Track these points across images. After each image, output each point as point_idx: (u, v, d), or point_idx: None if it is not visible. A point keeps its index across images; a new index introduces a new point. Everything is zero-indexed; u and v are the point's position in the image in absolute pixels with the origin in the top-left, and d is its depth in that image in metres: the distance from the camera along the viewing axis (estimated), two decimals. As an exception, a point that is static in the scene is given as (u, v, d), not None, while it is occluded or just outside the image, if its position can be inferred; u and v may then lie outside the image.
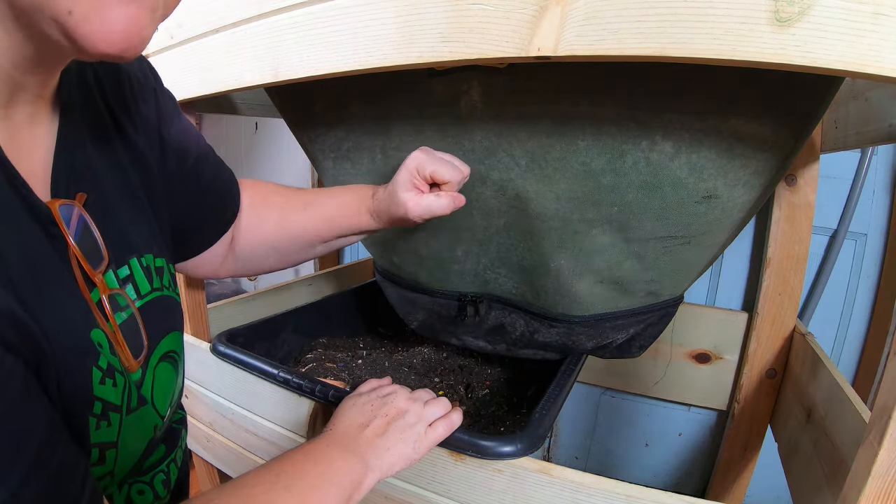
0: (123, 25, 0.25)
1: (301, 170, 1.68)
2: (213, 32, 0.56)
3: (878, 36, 0.27)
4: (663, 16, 0.31)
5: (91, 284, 0.33)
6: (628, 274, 0.59)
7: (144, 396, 0.36)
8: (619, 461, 1.24)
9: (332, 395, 0.54)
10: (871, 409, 0.35)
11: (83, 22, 0.24)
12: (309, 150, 0.70)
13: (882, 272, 0.94)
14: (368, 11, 0.43)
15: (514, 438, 0.46)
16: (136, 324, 0.36)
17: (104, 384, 0.31)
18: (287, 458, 0.38)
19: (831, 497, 0.47)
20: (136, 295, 0.37)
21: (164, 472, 0.41)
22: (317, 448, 0.40)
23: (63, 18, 0.24)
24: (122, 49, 0.26)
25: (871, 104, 0.58)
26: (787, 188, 0.78)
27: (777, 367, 0.84)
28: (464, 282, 0.69)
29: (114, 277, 0.35)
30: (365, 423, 0.44)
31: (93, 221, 0.34)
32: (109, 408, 0.31)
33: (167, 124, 0.44)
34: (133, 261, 0.37)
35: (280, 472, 0.36)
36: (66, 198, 0.32)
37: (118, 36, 0.25)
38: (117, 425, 0.32)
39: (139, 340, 0.36)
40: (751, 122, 0.46)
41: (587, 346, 0.68)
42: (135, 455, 0.36)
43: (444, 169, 0.50)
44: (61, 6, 0.24)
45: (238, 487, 0.34)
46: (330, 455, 0.40)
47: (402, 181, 0.51)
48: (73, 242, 0.31)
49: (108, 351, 0.32)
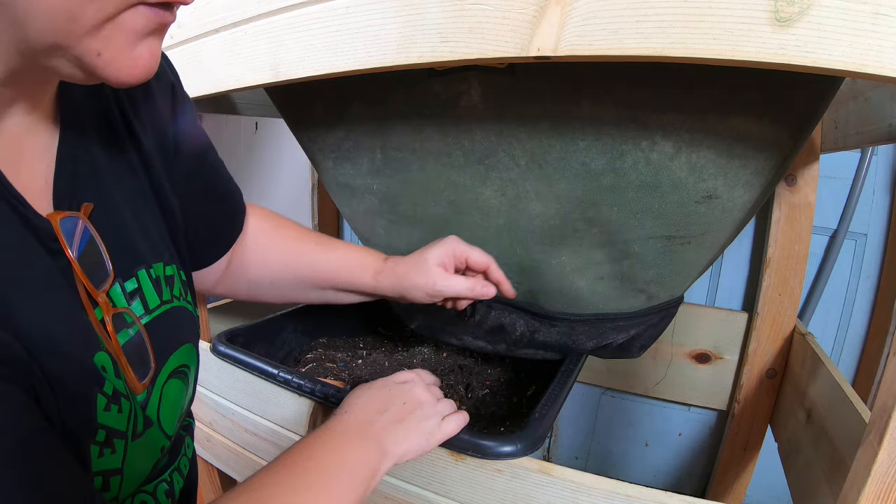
0: (147, 59, 0.27)
1: (301, 170, 1.68)
2: (213, 32, 0.56)
3: (878, 36, 0.27)
4: (663, 16, 0.31)
5: (94, 303, 0.31)
6: (628, 274, 0.59)
7: (150, 418, 0.35)
8: (619, 461, 1.24)
9: (333, 396, 0.54)
10: (871, 409, 0.35)
11: (111, 62, 0.26)
12: (309, 150, 0.70)
13: (882, 272, 0.94)
14: (368, 11, 0.43)
15: (514, 438, 0.46)
16: (143, 343, 0.34)
17: (109, 410, 0.30)
18: (304, 451, 0.37)
19: (831, 497, 0.48)
20: (143, 310, 0.35)
21: (166, 481, 0.40)
22: (333, 437, 0.39)
23: (89, 59, 0.25)
24: (144, 77, 0.27)
25: (871, 104, 0.58)
26: (787, 188, 0.78)
27: (777, 367, 0.84)
28: (464, 282, 0.69)
29: (120, 292, 0.34)
30: (382, 409, 0.43)
31: (98, 234, 0.32)
32: (114, 435, 0.30)
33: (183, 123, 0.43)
34: (141, 272, 0.36)
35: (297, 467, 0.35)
36: (70, 209, 0.31)
37: (141, 70, 0.27)
38: (122, 452, 0.31)
39: (146, 361, 0.34)
40: (751, 122, 0.46)
41: (587, 346, 0.68)
42: (140, 477, 0.35)
43: (482, 257, 0.54)
44: (90, 48, 0.25)
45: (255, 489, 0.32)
46: (348, 443, 0.39)
47: (436, 254, 0.53)
48: (74, 259, 0.30)
49: (112, 374, 0.30)
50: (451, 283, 0.53)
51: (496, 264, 0.55)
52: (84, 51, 0.25)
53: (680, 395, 1.03)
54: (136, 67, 0.27)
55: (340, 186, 0.69)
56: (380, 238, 0.71)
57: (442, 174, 0.58)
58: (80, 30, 0.24)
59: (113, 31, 0.25)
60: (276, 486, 0.33)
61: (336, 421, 0.41)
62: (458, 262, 0.54)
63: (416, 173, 0.60)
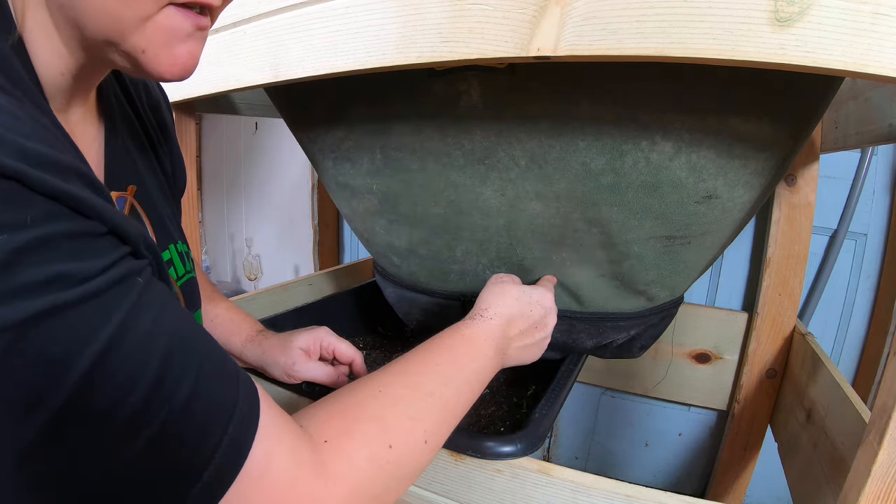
0: (185, 59, 0.30)
1: (301, 170, 1.68)
2: (213, 32, 0.56)
3: (878, 36, 0.27)
4: (663, 16, 0.31)
5: None
6: (628, 274, 0.59)
7: None
8: (619, 461, 1.25)
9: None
10: (871, 409, 0.35)
11: (154, 58, 0.29)
12: (309, 150, 0.70)
13: (882, 272, 0.94)
14: (368, 11, 0.43)
15: (514, 438, 0.46)
16: (180, 301, 0.40)
17: None
18: (447, 347, 0.41)
19: (831, 497, 0.48)
20: (175, 276, 0.42)
21: None
22: (475, 340, 0.43)
23: (136, 55, 0.29)
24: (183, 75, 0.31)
25: (871, 104, 0.59)
26: (787, 188, 0.78)
27: (777, 367, 0.84)
28: (464, 282, 0.69)
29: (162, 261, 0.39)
30: (519, 320, 0.48)
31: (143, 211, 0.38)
32: None
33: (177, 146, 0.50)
34: (171, 246, 0.42)
35: (441, 362, 0.38)
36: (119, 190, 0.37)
37: (180, 68, 0.30)
38: None
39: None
40: (751, 122, 0.46)
41: (587, 345, 0.68)
42: None
43: (349, 350, 0.57)
44: (136, 45, 0.28)
45: (404, 373, 0.36)
46: (485, 353, 0.43)
47: (302, 339, 0.56)
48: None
49: None
50: (308, 367, 0.55)
51: (362, 359, 0.59)
52: (131, 47, 0.28)
53: (680, 395, 1.03)
54: (174, 65, 0.30)
55: (340, 186, 0.69)
56: (380, 238, 0.71)
57: (442, 174, 0.58)
58: (126, 29, 0.27)
59: (153, 31, 0.28)
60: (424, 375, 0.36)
61: (479, 326, 0.45)
62: (324, 351, 0.57)
63: (416, 173, 0.60)
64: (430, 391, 0.35)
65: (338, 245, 1.66)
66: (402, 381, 0.35)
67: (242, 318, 0.61)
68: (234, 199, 1.98)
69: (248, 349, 0.58)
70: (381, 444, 0.30)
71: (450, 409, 0.36)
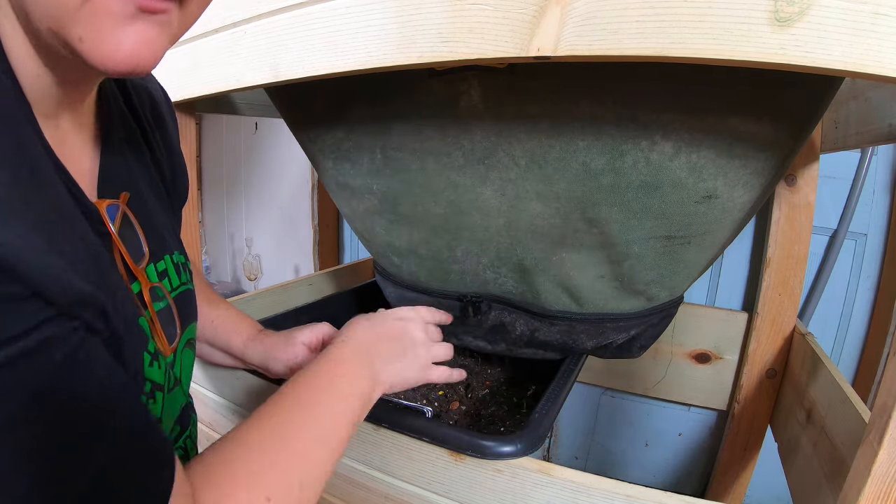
0: (132, 46, 0.26)
1: (301, 170, 1.68)
2: (213, 32, 0.56)
3: (878, 36, 0.27)
4: (663, 16, 0.31)
5: (133, 278, 0.36)
6: (628, 274, 0.59)
7: (177, 377, 0.40)
8: (619, 461, 1.25)
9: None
10: (871, 409, 0.35)
11: (95, 47, 0.25)
12: (309, 150, 0.70)
13: (882, 272, 0.94)
14: (368, 11, 0.43)
15: (514, 438, 0.46)
16: (172, 313, 0.40)
17: (152, 366, 0.34)
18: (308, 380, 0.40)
19: (831, 497, 0.48)
20: (170, 287, 0.41)
21: (182, 447, 0.44)
22: (336, 364, 0.43)
23: (75, 44, 0.25)
24: (132, 66, 0.27)
25: (871, 104, 0.59)
26: (787, 188, 0.78)
27: (777, 367, 0.84)
28: (464, 282, 0.69)
29: (154, 271, 0.39)
30: (379, 340, 0.48)
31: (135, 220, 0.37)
32: (156, 388, 0.35)
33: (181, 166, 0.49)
34: (167, 257, 0.41)
35: (299, 399, 0.38)
36: (112, 198, 0.35)
37: (125, 56, 0.26)
38: (160, 403, 0.36)
39: (173, 328, 0.40)
40: (750, 122, 0.46)
41: (587, 345, 0.68)
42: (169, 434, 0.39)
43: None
44: (73, 34, 0.25)
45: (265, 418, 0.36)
46: (346, 373, 0.43)
47: (305, 334, 0.57)
48: (118, 240, 0.34)
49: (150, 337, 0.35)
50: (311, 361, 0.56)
51: None
52: (69, 37, 0.25)
53: (680, 395, 1.03)
54: (117, 53, 0.26)
55: (340, 186, 0.69)
56: (380, 238, 0.71)
57: (442, 174, 0.58)
58: (63, 15, 0.24)
59: (91, 15, 0.25)
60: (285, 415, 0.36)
61: (335, 349, 0.45)
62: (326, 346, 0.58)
63: (416, 173, 0.60)
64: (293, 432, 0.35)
65: (338, 245, 1.66)
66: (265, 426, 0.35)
67: (242, 319, 0.61)
68: (234, 199, 1.98)
69: (249, 348, 0.58)
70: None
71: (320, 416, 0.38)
